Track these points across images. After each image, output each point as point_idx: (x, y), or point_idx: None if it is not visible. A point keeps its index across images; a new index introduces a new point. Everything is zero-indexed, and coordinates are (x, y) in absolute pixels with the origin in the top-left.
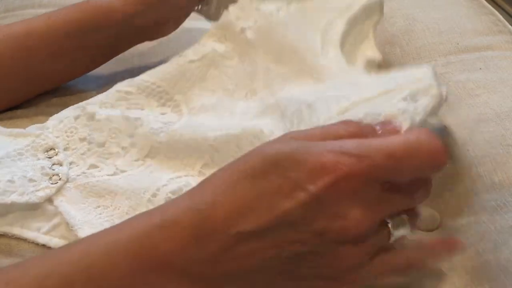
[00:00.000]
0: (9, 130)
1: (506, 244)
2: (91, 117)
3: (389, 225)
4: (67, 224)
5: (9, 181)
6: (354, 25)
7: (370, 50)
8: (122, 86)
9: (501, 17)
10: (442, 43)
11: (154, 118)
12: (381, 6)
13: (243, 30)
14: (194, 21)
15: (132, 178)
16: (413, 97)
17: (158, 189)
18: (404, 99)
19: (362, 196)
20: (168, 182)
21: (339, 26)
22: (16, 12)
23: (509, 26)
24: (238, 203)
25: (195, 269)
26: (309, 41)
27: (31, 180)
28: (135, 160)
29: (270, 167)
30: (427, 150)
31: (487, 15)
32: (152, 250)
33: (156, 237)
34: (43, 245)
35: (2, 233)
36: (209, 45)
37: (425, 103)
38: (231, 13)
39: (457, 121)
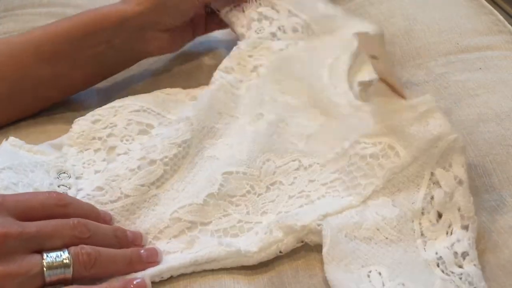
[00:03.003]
0: (29, 146)
1: (506, 244)
2: (112, 150)
3: (44, 257)
4: None
5: (13, 183)
6: (355, 57)
7: (367, 74)
8: (144, 119)
9: (501, 17)
10: (442, 43)
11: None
12: (381, 38)
13: (255, 68)
14: None
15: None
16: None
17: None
18: None
19: None
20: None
21: (345, 62)
22: (16, 11)
23: (509, 26)
24: None
25: None
26: (316, 75)
27: (35, 189)
28: (141, 185)
29: None
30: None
31: (487, 15)
32: None
33: None
34: None
35: None
36: (218, 74)
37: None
38: (243, 50)
39: (457, 121)
